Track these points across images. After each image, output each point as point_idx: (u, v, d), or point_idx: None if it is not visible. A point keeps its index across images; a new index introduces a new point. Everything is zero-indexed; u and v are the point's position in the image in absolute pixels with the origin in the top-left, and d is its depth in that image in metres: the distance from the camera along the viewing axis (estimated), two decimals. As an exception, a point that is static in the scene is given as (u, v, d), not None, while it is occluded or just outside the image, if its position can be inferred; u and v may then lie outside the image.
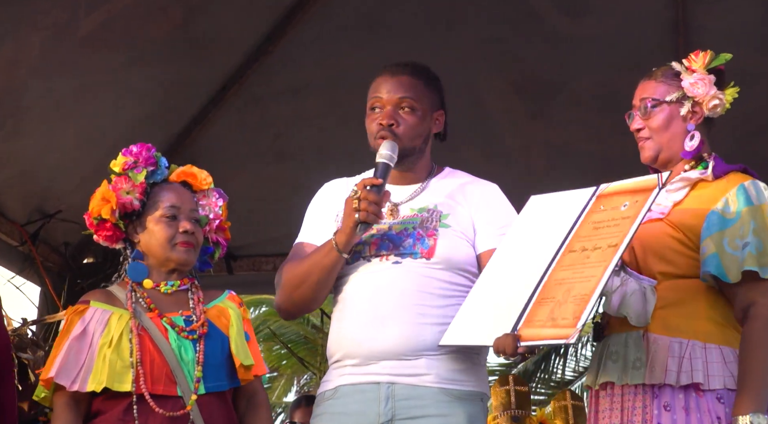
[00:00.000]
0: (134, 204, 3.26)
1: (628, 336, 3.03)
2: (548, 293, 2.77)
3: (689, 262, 3.03)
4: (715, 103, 3.15)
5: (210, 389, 3.15)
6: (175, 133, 6.14)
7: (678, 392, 2.96)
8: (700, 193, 3.08)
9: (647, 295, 3.00)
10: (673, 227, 3.04)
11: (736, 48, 5.67)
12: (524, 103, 6.18)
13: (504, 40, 5.92)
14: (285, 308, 3.17)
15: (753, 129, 6.00)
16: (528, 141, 6.31)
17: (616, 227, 2.78)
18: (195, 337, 3.17)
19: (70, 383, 3.08)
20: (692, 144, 3.12)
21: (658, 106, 3.16)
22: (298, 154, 6.28)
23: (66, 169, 5.75)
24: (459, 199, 3.13)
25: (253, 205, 6.07)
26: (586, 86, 5.99)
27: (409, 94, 3.15)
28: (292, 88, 6.08)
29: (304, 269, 3.07)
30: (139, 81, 5.58)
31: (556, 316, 2.70)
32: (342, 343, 3.04)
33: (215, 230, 3.39)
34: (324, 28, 5.89)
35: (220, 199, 3.39)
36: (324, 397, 3.07)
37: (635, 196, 2.82)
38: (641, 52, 5.88)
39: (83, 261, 6.48)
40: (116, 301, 3.21)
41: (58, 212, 5.85)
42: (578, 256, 2.79)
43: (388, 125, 3.10)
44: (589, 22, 5.82)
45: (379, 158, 3.03)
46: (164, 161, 3.34)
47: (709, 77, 3.15)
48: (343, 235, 2.98)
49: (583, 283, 2.72)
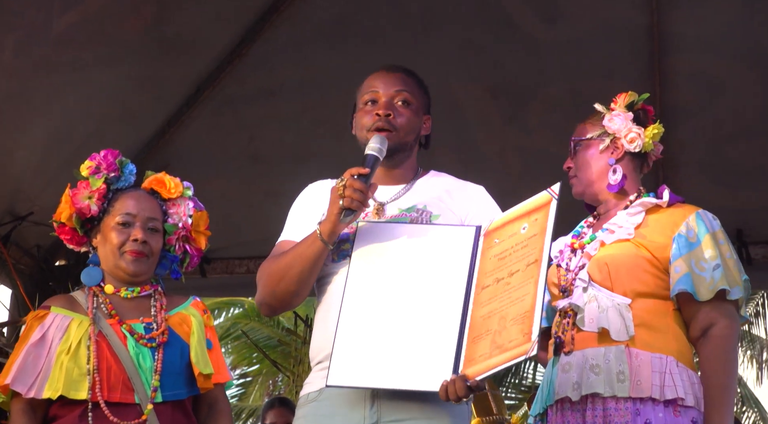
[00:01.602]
0: (92, 209, 3.25)
1: (607, 350, 3.09)
2: (479, 330, 2.80)
3: (657, 282, 3.15)
4: (632, 137, 3.28)
5: (167, 397, 3.13)
6: (149, 135, 6.12)
7: (658, 411, 3.03)
8: (657, 218, 3.21)
9: (622, 312, 3.10)
10: (642, 247, 3.16)
11: (709, 54, 5.77)
12: (499, 108, 6.19)
13: (479, 45, 5.93)
14: (267, 303, 3.08)
15: (724, 135, 6.04)
16: (503, 146, 6.32)
17: (526, 248, 2.82)
18: (154, 345, 3.15)
19: (26, 389, 3.07)
20: (615, 178, 3.27)
21: (581, 144, 3.35)
22: (273, 157, 6.27)
23: (37, 170, 5.71)
24: (447, 201, 3.12)
25: (226, 208, 6.04)
26: (561, 92, 6.00)
27: (406, 88, 3.15)
28: (266, 91, 6.06)
29: (287, 261, 3.00)
30: (112, 82, 5.56)
31: (501, 342, 2.73)
32: (327, 345, 2.96)
33: (184, 239, 3.37)
34: (298, 31, 5.88)
35: (192, 208, 3.37)
36: (308, 399, 3.02)
37: (532, 216, 2.86)
38: (616, 58, 5.91)
39: (55, 263, 6.44)
40: (78, 307, 3.20)
41: (29, 214, 5.82)
42: (496, 288, 2.82)
43: (386, 115, 3.08)
44: (564, 28, 5.83)
45: (368, 150, 2.99)
46: (130, 168, 3.33)
47: (627, 114, 3.30)
48: (328, 223, 2.92)
49: (517, 304, 2.75)
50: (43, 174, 5.70)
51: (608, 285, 3.14)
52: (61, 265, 6.45)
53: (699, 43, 5.78)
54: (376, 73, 3.20)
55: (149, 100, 5.92)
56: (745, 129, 6.01)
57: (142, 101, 5.87)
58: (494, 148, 6.34)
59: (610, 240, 3.19)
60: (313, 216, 3.11)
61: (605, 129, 3.30)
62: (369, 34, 5.83)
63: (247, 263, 6.66)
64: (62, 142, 5.59)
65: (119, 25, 5.31)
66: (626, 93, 3.33)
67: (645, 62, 5.92)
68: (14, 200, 5.83)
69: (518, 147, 6.26)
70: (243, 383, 18.02)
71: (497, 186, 6.83)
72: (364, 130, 3.11)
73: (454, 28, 5.85)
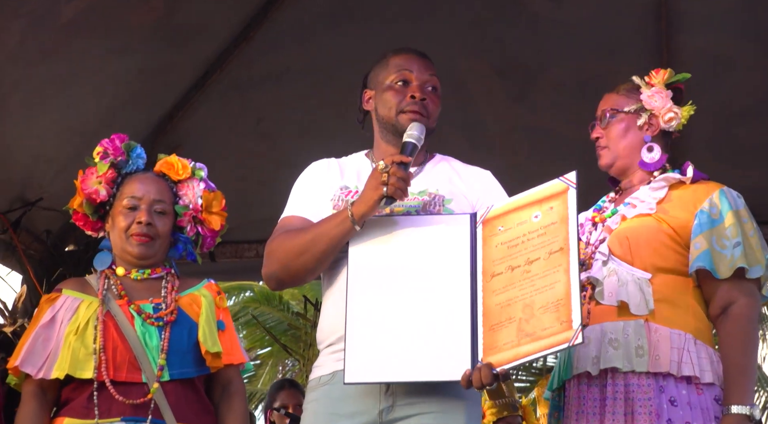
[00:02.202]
0: (101, 195, 3.26)
1: (626, 324, 3.07)
2: (497, 318, 2.80)
3: (678, 258, 3.13)
4: (671, 117, 3.26)
5: (174, 376, 3.15)
6: (157, 120, 6.13)
7: (681, 388, 3.03)
8: (681, 194, 3.20)
9: (642, 286, 3.09)
10: (664, 222, 3.14)
11: (716, 33, 5.76)
12: (506, 87, 6.18)
13: (486, 24, 5.92)
14: (278, 277, 3.06)
15: (731, 114, 6.03)
16: (510, 125, 6.31)
17: (544, 237, 2.82)
18: (161, 324, 3.17)
19: (35, 370, 3.10)
20: (652, 156, 3.25)
21: (616, 115, 3.28)
22: (280, 140, 6.27)
23: (47, 156, 5.72)
24: (458, 184, 3.12)
25: (234, 192, 6.01)
26: (567, 70, 6.00)
27: (436, 75, 3.16)
28: (273, 74, 6.07)
29: (308, 237, 2.98)
30: (120, 68, 5.56)
31: (532, 330, 2.74)
32: (337, 327, 2.96)
33: (196, 220, 3.38)
34: (304, 14, 5.88)
35: (204, 189, 3.38)
36: (320, 382, 3.02)
37: (544, 204, 2.86)
38: (623, 37, 5.90)
39: (65, 249, 6.45)
40: (89, 289, 3.23)
41: (39, 199, 5.83)
42: (511, 276, 2.82)
43: (421, 99, 3.08)
44: (571, 6, 5.82)
45: (408, 138, 2.99)
46: (138, 151, 3.34)
47: (666, 92, 3.27)
48: (364, 206, 2.90)
49: (545, 293, 2.76)
50: (53, 161, 5.71)
51: (628, 259, 3.12)
52: (71, 250, 6.47)
53: (707, 22, 5.77)
54: (407, 55, 3.17)
55: (158, 85, 5.93)
56: (753, 108, 6.00)
57: (150, 86, 5.87)
58: (501, 128, 6.34)
59: (632, 214, 3.18)
60: (321, 193, 3.11)
61: (643, 104, 3.27)
62: (375, 15, 5.83)
63: (257, 247, 6.67)
64: (72, 128, 5.60)
65: (126, 11, 5.31)
66: (664, 70, 3.29)
67: (653, 41, 5.90)
68: (24, 187, 5.84)
69: (525, 126, 6.26)
70: (253, 366, 18.07)
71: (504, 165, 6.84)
72: (393, 110, 3.10)
73: (461, 8, 5.84)
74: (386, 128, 3.13)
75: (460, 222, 2.97)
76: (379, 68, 3.18)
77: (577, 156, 6.84)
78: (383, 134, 3.15)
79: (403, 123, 3.07)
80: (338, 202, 3.08)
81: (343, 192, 3.10)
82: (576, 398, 3.13)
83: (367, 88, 3.20)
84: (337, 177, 3.14)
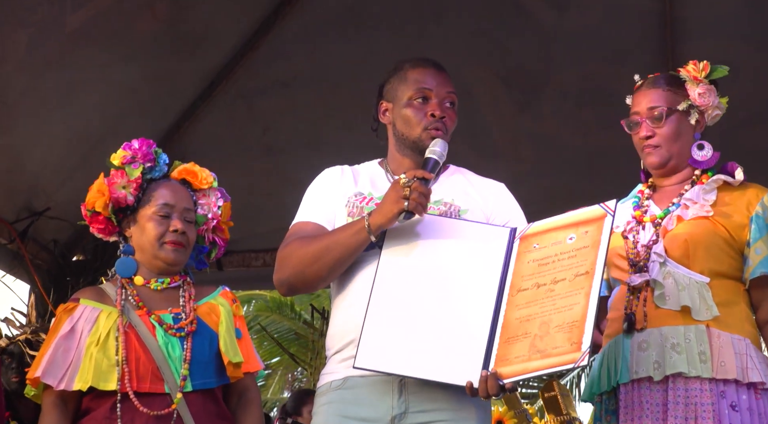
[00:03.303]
0: (128, 199, 3.26)
1: (687, 329, 3.06)
2: (514, 332, 2.82)
3: (732, 262, 3.13)
4: (717, 113, 3.25)
5: (197, 386, 3.14)
6: (164, 129, 6.13)
7: (742, 393, 3.02)
8: (730, 196, 3.18)
9: (702, 291, 3.08)
10: (720, 225, 3.12)
11: (721, 39, 5.76)
12: (512, 96, 6.19)
13: (491, 33, 5.93)
14: (291, 283, 3.05)
15: (737, 121, 5.99)
16: (515, 133, 6.32)
17: (573, 259, 2.84)
18: (183, 334, 3.16)
19: (56, 382, 3.09)
20: (703, 154, 3.22)
21: (672, 114, 3.22)
22: (287, 149, 6.28)
23: (54, 166, 5.74)
24: (473, 196, 3.12)
25: (242, 201, 6.00)
26: (572, 79, 6.00)
27: (454, 91, 3.16)
28: (279, 83, 6.08)
29: (323, 245, 2.97)
30: (127, 77, 5.57)
31: (544, 347, 2.76)
32: (350, 333, 2.95)
33: (212, 230, 3.38)
34: (311, 22, 5.89)
35: (221, 199, 3.38)
36: (331, 387, 3.00)
37: (581, 228, 2.88)
38: (628, 45, 5.90)
39: (72, 258, 6.47)
40: (107, 298, 3.21)
41: (47, 209, 5.84)
42: (536, 292, 2.84)
43: (441, 117, 3.08)
44: (575, 14, 5.83)
45: (431, 154, 3.00)
46: (164, 158, 3.34)
47: (713, 88, 3.24)
48: (382, 218, 2.90)
49: (563, 313, 2.78)
50: (60, 170, 5.73)
51: (685, 263, 3.10)
52: (79, 260, 6.48)
53: (712, 28, 5.77)
54: (425, 69, 3.16)
55: (164, 94, 5.94)
56: (759, 115, 5.99)
57: (156, 95, 5.88)
58: (507, 136, 6.34)
59: (688, 216, 3.14)
60: (335, 201, 3.11)
61: (692, 101, 3.23)
62: (381, 24, 5.84)
63: (264, 255, 6.68)
64: (78, 138, 5.61)
65: (132, 20, 5.33)
66: (703, 62, 3.25)
67: (657, 48, 5.91)
68: (31, 196, 5.85)
69: (531, 134, 6.26)
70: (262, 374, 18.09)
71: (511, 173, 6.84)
72: (413, 128, 3.09)
73: (466, 16, 5.85)
74: (404, 144, 3.12)
75: (499, 234, 2.98)
76: (396, 81, 3.16)
77: (582, 164, 6.86)
78: (400, 148, 3.15)
79: (424, 141, 3.06)
80: (353, 208, 3.08)
81: (358, 199, 3.10)
82: (637, 403, 3.09)
83: (383, 100, 3.19)
84: (351, 184, 3.14)
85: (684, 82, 3.24)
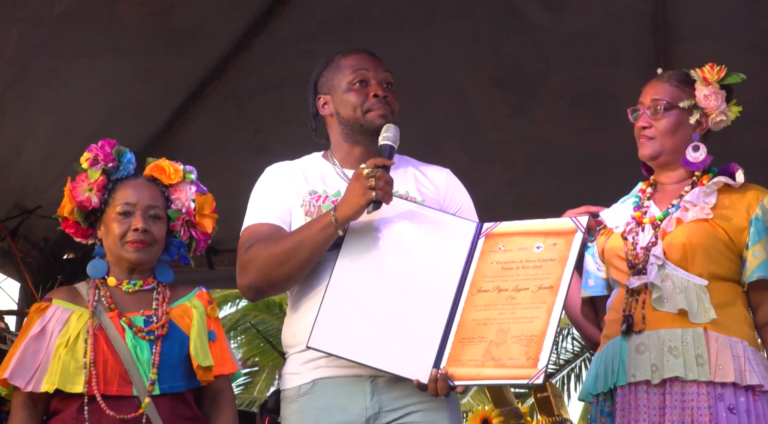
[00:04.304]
0: (93, 202, 3.24)
1: (685, 332, 3.05)
2: (469, 333, 2.80)
3: (730, 265, 3.12)
4: (722, 119, 3.23)
5: (165, 390, 3.12)
6: (156, 128, 6.13)
7: (740, 395, 3.02)
8: (730, 198, 3.16)
9: (700, 294, 3.07)
10: (720, 228, 3.11)
11: (714, 42, 5.76)
12: (505, 99, 6.19)
13: (485, 35, 5.93)
14: (259, 287, 3.02)
15: (731, 124, 6.02)
16: (509, 136, 6.31)
17: (538, 270, 2.82)
18: (152, 338, 3.14)
19: (24, 383, 3.08)
20: (696, 156, 3.19)
21: (671, 109, 3.21)
22: (279, 149, 6.20)
23: (45, 164, 5.72)
24: (426, 185, 3.11)
25: (233, 200, 6.01)
26: (566, 81, 6.00)
27: (389, 73, 3.15)
28: (271, 83, 6.06)
29: (290, 245, 2.94)
30: (119, 76, 5.56)
31: (499, 356, 2.74)
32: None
33: (189, 224, 3.37)
34: (304, 23, 5.88)
35: (195, 192, 3.36)
36: (300, 392, 2.98)
37: (549, 239, 2.85)
38: (622, 47, 5.91)
39: (63, 256, 6.45)
40: (80, 299, 3.20)
41: (37, 207, 5.83)
42: (496, 296, 2.82)
43: (384, 97, 3.07)
44: (569, 17, 5.83)
45: (386, 141, 2.97)
46: (128, 156, 3.31)
47: (722, 92, 3.21)
48: (349, 211, 2.88)
49: (522, 324, 2.76)
50: (50, 168, 5.71)
51: (684, 265, 3.09)
52: (69, 258, 6.47)
53: (704, 32, 5.77)
54: (357, 55, 3.18)
55: (156, 93, 5.93)
56: (752, 118, 5.98)
57: (148, 95, 5.87)
58: (501, 139, 6.34)
59: (688, 218, 3.13)
60: (285, 199, 3.08)
61: (696, 101, 3.21)
62: (374, 26, 5.83)
63: (255, 254, 6.66)
64: (70, 135, 5.59)
65: (125, 18, 5.31)
66: (720, 66, 3.22)
67: (651, 51, 5.91)
68: (22, 194, 5.84)
69: (525, 137, 6.26)
70: (250, 372, 18.08)
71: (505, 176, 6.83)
72: (358, 110, 3.07)
73: (460, 19, 5.85)
74: (352, 129, 3.10)
75: (464, 228, 2.96)
76: (331, 73, 3.17)
77: (576, 167, 6.85)
78: (348, 136, 3.11)
79: (371, 120, 3.05)
80: (309, 207, 3.05)
81: (313, 197, 3.07)
82: (634, 406, 3.08)
83: (320, 94, 3.19)
84: (302, 182, 3.11)
85: (695, 81, 3.22)
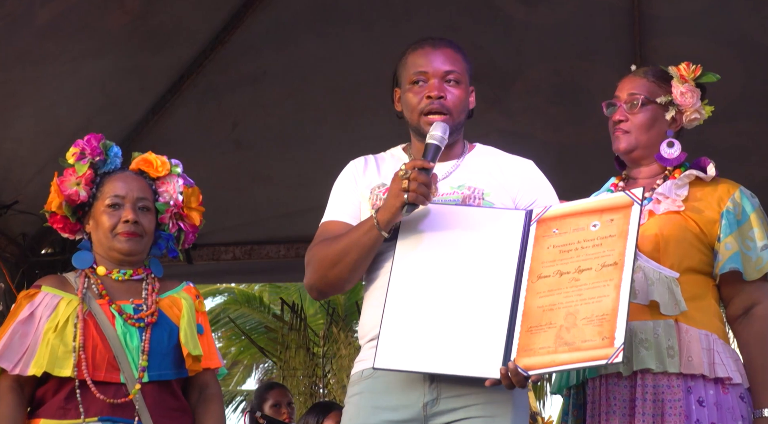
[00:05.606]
0: (81, 196, 3.26)
1: (656, 324, 3.06)
2: (537, 321, 2.76)
3: (701, 257, 3.14)
4: (696, 117, 3.25)
5: (153, 377, 3.15)
6: (133, 123, 6.12)
7: (709, 388, 3.04)
8: (702, 191, 3.19)
9: (671, 286, 3.08)
10: (691, 220, 3.14)
11: (689, 36, 5.80)
12: (481, 92, 6.18)
13: (461, 28, 5.94)
14: (318, 288, 3.02)
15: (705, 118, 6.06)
16: (485, 129, 6.31)
17: (599, 248, 2.78)
18: (142, 325, 3.17)
19: (11, 366, 3.10)
20: (671, 152, 3.22)
21: (649, 105, 3.24)
22: (256, 143, 6.27)
23: (22, 159, 5.71)
24: (498, 177, 3.06)
25: (211, 194, 5.99)
26: (542, 74, 6.02)
27: (455, 67, 3.09)
28: (249, 77, 6.07)
29: (340, 247, 2.93)
30: (96, 71, 5.56)
31: (572, 340, 2.70)
32: (378, 323, 2.89)
33: (177, 216, 3.38)
34: (280, 17, 5.88)
35: (182, 185, 3.38)
36: (362, 376, 2.97)
37: (605, 215, 2.82)
38: (597, 41, 5.93)
39: (41, 252, 6.44)
40: (68, 287, 3.22)
41: (15, 202, 5.81)
42: (559, 280, 2.78)
43: (438, 97, 3.01)
44: (545, 10, 5.84)
45: (430, 140, 2.92)
46: (115, 150, 3.33)
47: (697, 91, 3.24)
48: (388, 213, 2.85)
49: (591, 304, 2.72)
50: (29, 164, 5.70)
51: (656, 257, 3.10)
52: (47, 253, 6.46)
53: (680, 25, 5.80)
54: (421, 50, 3.11)
55: (133, 89, 5.92)
56: (726, 112, 6.02)
57: (126, 90, 5.86)
58: (476, 132, 6.31)
59: (660, 211, 3.15)
60: (357, 194, 3.08)
61: (673, 98, 3.24)
62: (351, 19, 5.84)
63: (233, 249, 6.66)
64: (48, 132, 5.59)
65: (102, 15, 5.30)
66: (695, 65, 3.25)
67: (626, 44, 5.93)
68: (0, 189, 5.83)
69: (500, 130, 6.27)
70: (227, 366, 18.09)
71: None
72: (415, 113, 3.04)
73: (436, 12, 5.85)
74: (412, 130, 3.09)
75: (514, 218, 2.92)
76: (401, 67, 3.12)
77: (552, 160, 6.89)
78: (415, 132, 3.09)
79: (424, 126, 3.01)
80: (376, 200, 3.03)
81: (381, 190, 3.05)
82: (604, 397, 3.09)
83: (396, 87, 3.14)
84: (375, 174, 3.09)
85: (671, 78, 3.25)
